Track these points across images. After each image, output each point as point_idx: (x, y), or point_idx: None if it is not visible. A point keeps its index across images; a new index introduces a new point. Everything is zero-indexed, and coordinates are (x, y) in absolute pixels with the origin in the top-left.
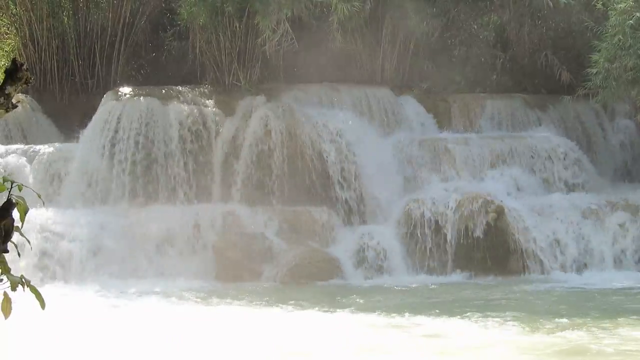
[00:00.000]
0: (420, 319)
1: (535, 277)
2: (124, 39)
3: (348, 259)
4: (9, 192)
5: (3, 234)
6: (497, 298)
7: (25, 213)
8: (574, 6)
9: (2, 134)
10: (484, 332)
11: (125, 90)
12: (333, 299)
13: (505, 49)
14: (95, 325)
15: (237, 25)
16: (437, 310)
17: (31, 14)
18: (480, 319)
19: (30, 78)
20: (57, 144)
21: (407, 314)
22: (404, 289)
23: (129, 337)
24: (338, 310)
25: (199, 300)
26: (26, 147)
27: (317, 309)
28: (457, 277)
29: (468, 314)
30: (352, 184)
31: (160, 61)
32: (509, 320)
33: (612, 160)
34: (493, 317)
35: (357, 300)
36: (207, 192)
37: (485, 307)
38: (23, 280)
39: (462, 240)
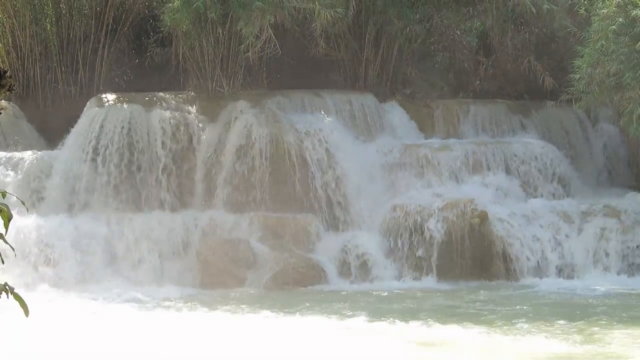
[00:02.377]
0: (408, 325)
1: (519, 283)
2: (107, 46)
3: (332, 265)
4: None
5: None
6: (482, 304)
7: (9, 220)
8: (557, 12)
9: None
10: (473, 338)
11: (109, 96)
12: (317, 305)
13: (488, 54)
14: (77, 332)
15: (220, 32)
16: (424, 317)
17: (14, 20)
18: (467, 325)
19: (14, 85)
20: (40, 151)
21: (395, 320)
22: (388, 294)
23: (110, 344)
24: (323, 316)
25: (182, 307)
26: (9, 154)
27: (301, 315)
28: (441, 282)
29: (454, 320)
30: (336, 190)
31: (144, 68)
32: (497, 326)
33: (595, 166)
34: (479, 323)
35: (342, 306)
36: (191, 199)
37: (471, 314)
38: (7, 287)
39: (445, 246)
